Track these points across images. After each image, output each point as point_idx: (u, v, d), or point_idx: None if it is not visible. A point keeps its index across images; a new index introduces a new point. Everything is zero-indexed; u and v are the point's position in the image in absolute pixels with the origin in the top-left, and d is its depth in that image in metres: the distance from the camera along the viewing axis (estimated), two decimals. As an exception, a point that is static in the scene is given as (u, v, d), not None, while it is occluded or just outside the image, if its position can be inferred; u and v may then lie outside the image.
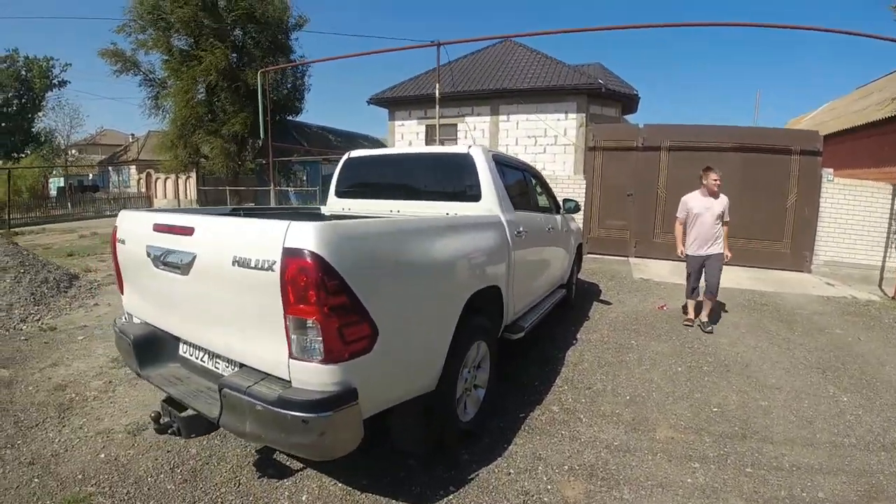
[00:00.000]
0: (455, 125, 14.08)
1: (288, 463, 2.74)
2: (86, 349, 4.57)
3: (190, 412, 2.29)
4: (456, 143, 14.15)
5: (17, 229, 15.55)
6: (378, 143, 35.09)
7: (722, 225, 5.38)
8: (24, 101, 36.75)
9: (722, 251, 5.39)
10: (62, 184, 33.80)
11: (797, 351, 4.95)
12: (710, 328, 5.42)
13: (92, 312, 5.87)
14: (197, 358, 2.53)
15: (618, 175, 10.27)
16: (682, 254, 5.60)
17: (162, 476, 2.62)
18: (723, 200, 5.34)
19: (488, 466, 2.71)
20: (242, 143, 23.01)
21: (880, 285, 8.88)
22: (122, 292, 2.98)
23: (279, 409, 1.86)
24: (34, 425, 3.14)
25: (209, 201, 24.71)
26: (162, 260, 2.39)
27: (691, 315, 5.68)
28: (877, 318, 6.59)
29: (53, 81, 37.72)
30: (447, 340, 2.57)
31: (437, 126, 11.68)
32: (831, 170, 9.50)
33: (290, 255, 1.82)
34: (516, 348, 4.24)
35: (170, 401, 2.40)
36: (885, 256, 9.33)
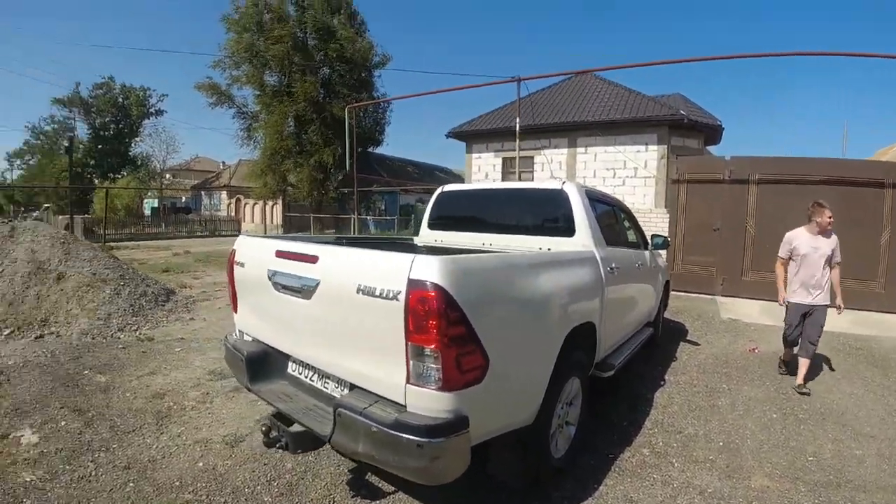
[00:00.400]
0: (532, 157, 14.16)
1: (380, 485, 2.83)
2: (183, 360, 4.93)
3: (298, 428, 2.41)
4: (532, 175, 14.22)
5: (112, 244, 17.05)
6: (453, 175, 35.85)
7: (832, 269, 4.69)
8: (121, 126, 40.65)
9: (828, 302, 4.67)
10: (156, 204, 36.91)
11: (892, 398, 4.57)
12: (806, 390, 4.63)
13: (188, 326, 6.35)
14: (306, 377, 2.68)
15: (703, 209, 9.91)
16: (783, 302, 4.89)
17: (259, 488, 2.76)
18: (833, 240, 4.65)
19: (580, 505, 2.69)
20: (327, 173, 24.27)
21: None
22: (235, 311, 3.21)
23: (395, 432, 1.96)
24: (131, 430, 3.38)
25: (294, 227, 26.18)
26: (283, 284, 2.58)
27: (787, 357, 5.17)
28: None
29: (150, 110, 41.66)
30: (547, 375, 2.61)
31: (518, 159, 11.82)
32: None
33: (415, 286, 1.95)
34: (605, 386, 4.18)
35: (279, 416, 2.54)
36: None
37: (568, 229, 3.71)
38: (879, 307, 8.70)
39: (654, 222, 10.28)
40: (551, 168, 14.03)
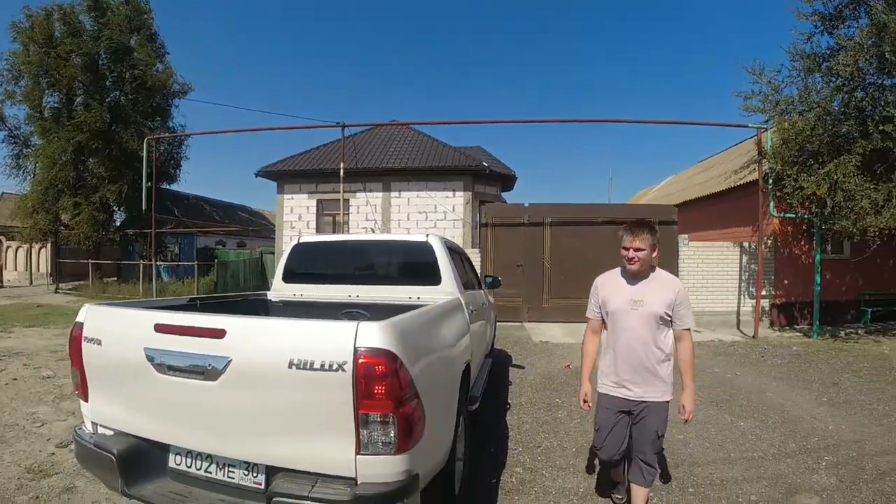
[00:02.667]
0: (348, 200, 14.48)
1: None
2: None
3: None
4: (349, 217, 14.51)
5: None
6: (258, 215, 34.01)
7: (675, 340, 2.82)
8: None
9: (666, 398, 2.83)
10: None
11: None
12: None
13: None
14: (199, 468, 2.37)
15: (508, 248, 11.44)
16: (583, 400, 3.01)
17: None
18: (671, 286, 2.79)
19: (488, 530, 3.03)
20: (110, 213, 21.13)
21: (738, 327, 11.06)
22: (85, 399, 2.66)
23: None
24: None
25: (67, 275, 21.86)
26: (173, 365, 2.26)
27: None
28: (744, 355, 8.20)
29: None
30: (454, 415, 2.91)
31: (341, 201, 12.04)
32: (686, 236, 11.60)
33: (363, 354, 2.00)
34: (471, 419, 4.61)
35: None
36: (738, 303, 11.56)
37: (434, 278, 4.12)
38: None
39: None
40: (366, 211, 14.52)
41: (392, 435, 2.02)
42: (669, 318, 2.76)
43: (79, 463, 2.81)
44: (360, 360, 1.99)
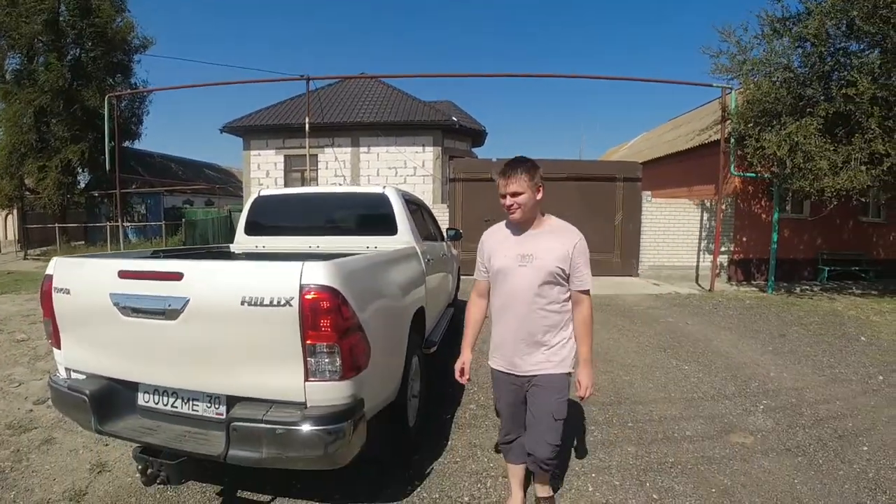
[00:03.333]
0: (316, 156, 14.28)
1: (254, 497, 2.88)
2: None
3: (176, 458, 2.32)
4: (317, 174, 14.35)
5: None
6: (226, 173, 33.27)
7: (569, 300, 2.38)
8: None
9: (565, 369, 2.38)
10: None
11: (642, 337, 6.38)
12: None
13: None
14: (165, 404, 2.51)
15: (476, 203, 11.50)
16: (459, 371, 2.70)
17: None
18: (564, 237, 2.37)
19: (438, 460, 3.24)
20: (74, 175, 20.42)
21: (697, 281, 11.57)
22: (57, 347, 2.76)
23: (306, 427, 2.13)
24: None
25: (34, 241, 21.19)
26: (137, 307, 2.37)
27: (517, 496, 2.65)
28: (698, 306, 8.60)
29: None
30: (403, 353, 3.07)
31: (308, 157, 11.88)
32: (650, 192, 11.93)
33: (308, 290, 2.15)
34: (428, 360, 4.80)
35: (145, 451, 2.40)
36: (698, 258, 12.05)
37: (391, 228, 4.21)
38: (618, 272, 11.70)
39: (438, 216, 11.46)
40: (336, 167, 14.37)
41: (337, 363, 2.19)
42: (565, 277, 2.30)
43: (55, 407, 2.90)
44: (306, 296, 2.14)
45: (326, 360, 2.19)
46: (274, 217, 4.72)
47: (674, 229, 12.09)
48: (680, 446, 3.47)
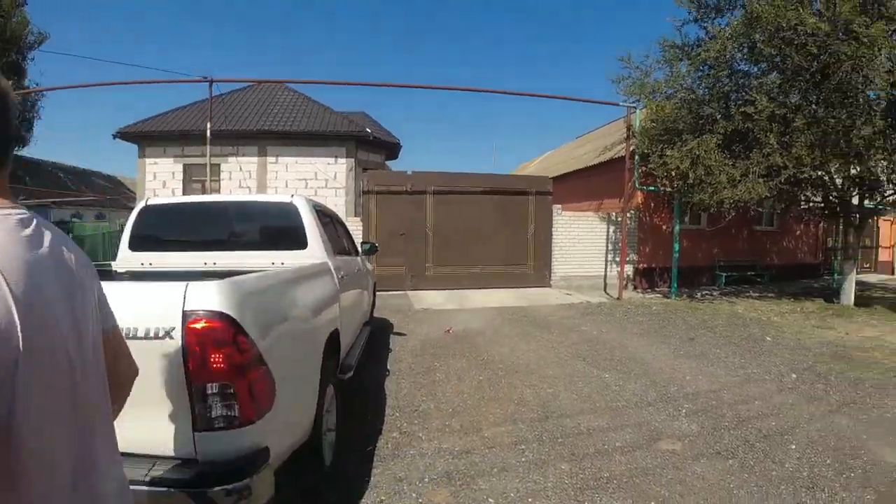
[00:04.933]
0: (219, 165, 13.30)
1: None
2: None
3: None
4: (220, 185, 13.38)
5: None
6: (118, 183, 30.55)
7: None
8: None
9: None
10: None
11: (560, 347, 6.35)
12: None
13: None
14: None
15: (391, 217, 11.20)
16: None
17: None
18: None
19: (360, 501, 2.85)
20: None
21: (605, 290, 11.98)
22: None
23: (200, 489, 1.72)
24: None
25: None
26: None
27: None
28: (609, 314, 8.79)
29: None
30: (317, 385, 2.68)
31: (209, 166, 10.97)
32: (560, 206, 12.25)
33: (194, 318, 1.75)
34: (345, 387, 4.41)
35: None
36: (605, 268, 12.50)
37: (300, 242, 3.80)
38: (532, 283, 11.80)
39: (352, 231, 11.04)
40: (241, 178, 13.47)
41: (234, 408, 1.80)
42: None
43: None
44: (192, 325, 1.75)
45: (220, 405, 1.79)
46: (164, 230, 4.15)
47: (583, 241, 12.50)
48: (613, 459, 3.36)
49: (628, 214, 12.22)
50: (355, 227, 11.14)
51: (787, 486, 3.01)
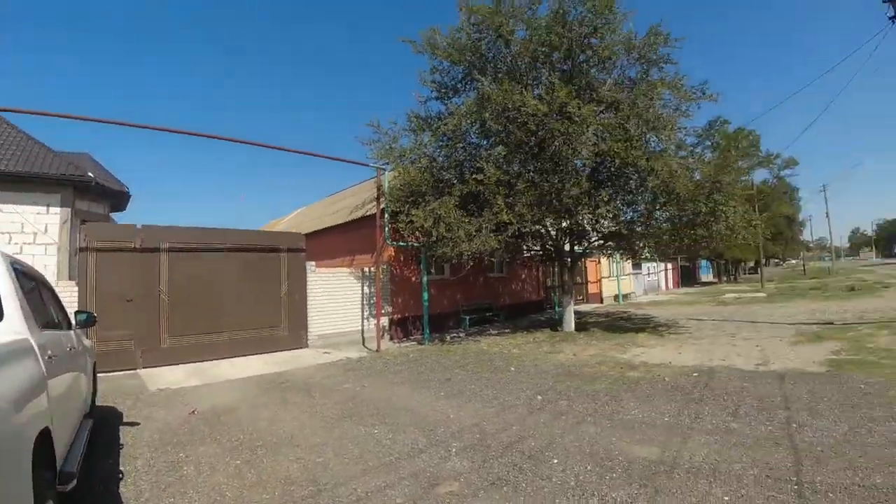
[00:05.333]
0: None
1: None
2: None
3: None
4: None
5: None
6: None
7: None
8: None
9: None
10: None
11: (324, 410, 6.07)
12: None
13: None
14: None
15: (115, 278, 9.39)
16: None
17: None
18: None
19: None
20: None
21: (364, 344, 12.15)
22: None
23: None
24: None
25: None
26: None
27: None
28: (370, 368, 8.87)
29: None
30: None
31: None
32: (314, 263, 12.10)
33: None
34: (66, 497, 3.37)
35: None
36: (363, 322, 12.73)
37: (-7, 312, 2.86)
38: (288, 346, 11.16)
39: (65, 297, 8.81)
40: None
41: None
42: None
43: None
44: None
45: None
46: None
47: (338, 297, 12.51)
48: (396, 518, 3.24)
49: (381, 268, 12.92)
50: (70, 294, 9.05)
51: (561, 498, 3.33)
